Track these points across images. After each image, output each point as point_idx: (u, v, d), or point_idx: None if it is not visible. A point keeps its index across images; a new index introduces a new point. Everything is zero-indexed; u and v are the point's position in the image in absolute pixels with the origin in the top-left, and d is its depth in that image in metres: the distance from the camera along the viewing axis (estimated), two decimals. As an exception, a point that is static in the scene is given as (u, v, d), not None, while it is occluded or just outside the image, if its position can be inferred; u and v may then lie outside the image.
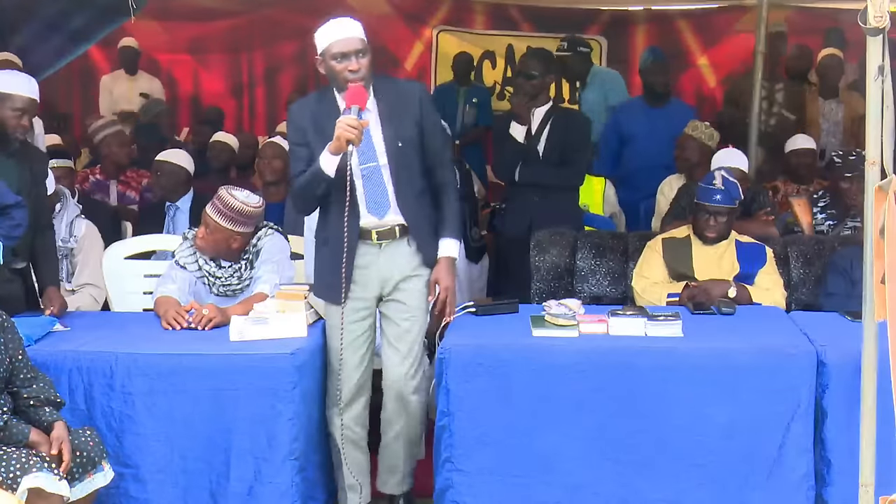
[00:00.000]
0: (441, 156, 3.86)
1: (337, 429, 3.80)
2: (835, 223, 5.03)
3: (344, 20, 3.66)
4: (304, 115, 3.76)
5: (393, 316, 3.82)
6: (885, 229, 2.78)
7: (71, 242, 4.67)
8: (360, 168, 3.67)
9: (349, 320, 3.75)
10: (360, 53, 3.60)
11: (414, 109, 3.73)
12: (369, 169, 3.69)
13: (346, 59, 3.59)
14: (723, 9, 8.44)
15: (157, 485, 3.55)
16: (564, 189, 5.20)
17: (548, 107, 5.14)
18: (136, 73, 8.50)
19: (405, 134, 3.70)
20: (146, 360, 3.54)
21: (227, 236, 4.03)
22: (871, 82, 2.79)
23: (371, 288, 3.79)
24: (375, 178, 3.70)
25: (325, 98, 3.76)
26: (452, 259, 3.81)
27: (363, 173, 3.69)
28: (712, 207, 4.38)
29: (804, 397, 3.47)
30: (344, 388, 3.76)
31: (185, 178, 5.47)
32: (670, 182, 5.74)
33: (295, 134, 3.79)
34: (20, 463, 3.08)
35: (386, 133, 3.68)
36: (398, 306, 3.81)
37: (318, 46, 3.66)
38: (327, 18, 3.72)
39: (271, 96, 9.35)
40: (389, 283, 3.80)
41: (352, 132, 3.48)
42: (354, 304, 3.76)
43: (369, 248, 3.74)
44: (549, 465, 3.54)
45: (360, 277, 3.76)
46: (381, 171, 3.70)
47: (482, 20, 8.88)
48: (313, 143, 3.68)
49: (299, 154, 3.76)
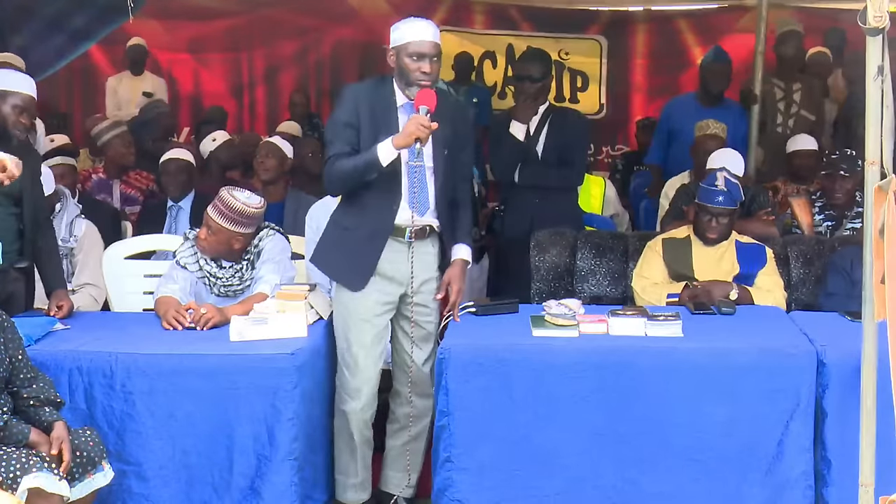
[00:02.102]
0: (465, 171, 4.03)
1: (355, 424, 3.82)
2: (833, 224, 5.04)
3: (427, 22, 3.74)
4: (360, 97, 3.77)
5: (418, 318, 3.84)
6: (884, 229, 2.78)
7: (71, 242, 4.66)
8: (407, 164, 3.73)
9: (374, 313, 3.78)
10: (434, 58, 3.68)
11: (458, 125, 3.86)
12: (417, 168, 3.73)
13: (421, 60, 3.66)
14: (723, 9, 8.45)
15: (159, 481, 3.55)
16: (564, 189, 5.21)
17: (545, 106, 5.15)
18: (141, 73, 8.50)
19: (449, 144, 3.80)
20: (146, 360, 3.54)
21: (229, 237, 4.04)
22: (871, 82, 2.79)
23: (397, 284, 3.81)
24: (420, 178, 3.74)
25: (383, 88, 3.79)
26: (466, 262, 3.90)
27: (411, 170, 3.73)
28: (714, 209, 4.38)
29: (804, 397, 3.48)
30: (369, 387, 3.80)
31: (191, 174, 5.53)
32: (673, 184, 5.73)
33: (346, 113, 3.77)
34: (20, 463, 3.08)
35: (435, 138, 3.72)
36: (422, 309, 3.85)
37: (394, 40, 3.72)
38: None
39: (271, 96, 9.36)
40: (415, 283, 3.81)
41: (424, 132, 3.56)
42: (380, 298, 3.78)
43: (400, 245, 3.77)
44: (549, 464, 3.55)
45: (389, 272, 3.78)
46: (425, 171, 3.76)
47: (482, 20, 8.89)
48: (364, 127, 3.71)
49: (344, 134, 3.74)
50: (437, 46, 3.71)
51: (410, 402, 3.87)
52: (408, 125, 3.60)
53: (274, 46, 9.12)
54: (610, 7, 8.60)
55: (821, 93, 6.81)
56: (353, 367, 3.81)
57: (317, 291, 4.01)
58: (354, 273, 3.78)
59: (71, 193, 5.03)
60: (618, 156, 8.60)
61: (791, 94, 6.54)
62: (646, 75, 9.04)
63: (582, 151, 5.32)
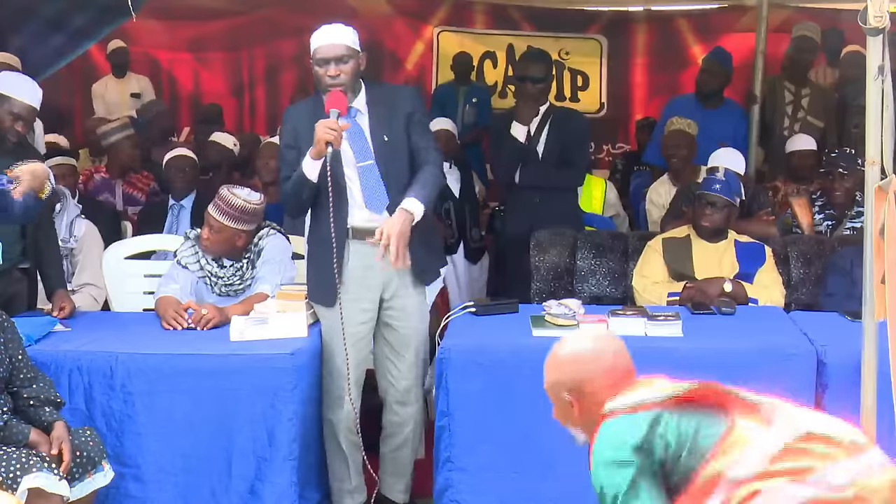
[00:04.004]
0: (425, 143, 3.83)
1: (342, 431, 3.82)
2: (833, 224, 5.04)
3: (334, 26, 3.72)
4: (296, 118, 3.81)
5: (394, 323, 3.82)
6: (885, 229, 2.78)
7: (71, 242, 4.67)
8: (356, 166, 3.72)
9: (355, 321, 3.75)
10: (341, 60, 3.65)
11: (402, 105, 3.80)
12: (365, 167, 3.72)
13: (326, 65, 3.66)
14: (723, 9, 8.43)
15: (157, 484, 3.55)
16: (564, 190, 5.20)
17: (546, 107, 5.15)
18: (124, 76, 8.48)
19: (391, 129, 3.75)
20: (146, 360, 3.54)
21: (232, 234, 4.04)
22: (871, 82, 2.80)
23: (374, 289, 3.79)
24: (371, 175, 3.73)
25: (315, 103, 3.79)
26: (404, 211, 3.61)
27: (360, 171, 3.72)
28: (711, 196, 4.40)
29: (804, 397, 3.47)
30: (346, 394, 3.76)
31: (196, 172, 5.54)
32: (656, 188, 5.74)
33: (286, 136, 3.84)
34: (20, 463, 3.08)
35: (374, 132, 3.73)
36: (398, 314, 3.82)
37: (311, 50, 3.72)
38: (325, 20, 3.73)
39: (271, 96, 9.34)
40: (392, 285, 3.79)
41: (330, 133, 3.52)
42: (359, 305, 3.76)
43: (370, 250, 3.72)
44: (549, 464, 3.54)
45: (364, 279, 3.76)
46: (375, 168, 3.73)
47: (482, 20, 8.87)
48: (303, 146, 3.71)
49: (288, 157, 3.80)
50: (344, 48, 3.66)
51: (394, 411, 3.87)
52: (315, 132, 3.55)
53: (274, 46, 9.11)
54: (610, 7, 8.58)
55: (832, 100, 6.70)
56: (335, 376, 3.80)
57: (317, 291, 4.00)
58: (322, 289, 3.76)
59: (71, 194, 5.03)
60: (618, 155, 8.60)
61: (800, 98, 6.52)
62: (646, 75, 9.03)
63: (583, 152, 5.30)
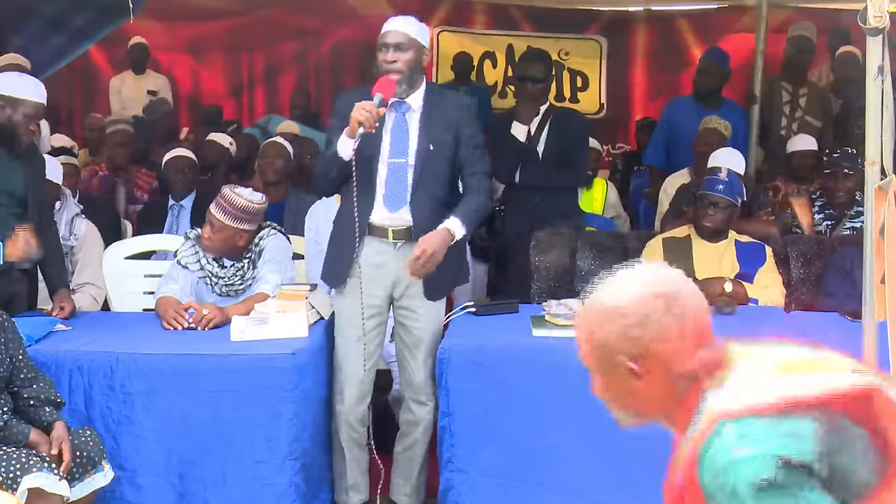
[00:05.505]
0: (478, 169, 3.78)
1: (342, 424, 3.81)
2: (833, 223, 5.04)
3: (404, 17, 3.71)
4: (347, 101, 3.74)
5: (407, 322, 3.81)
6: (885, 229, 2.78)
7: (71, 241, 4.67)
8: (388, 161, 3.69)
9: (358, 315, 3.73)
10: (399, 47, 3.63)
11: (453, 116, 3.74)
12: (396, 164, 3.69)
13: (385, 50, 3.63)
14: (722, 9, 8.44)
15: (153, 489, 3.54)
16: (564, 190, 5.20)
17: (546, 107, 5.15)
18: (144, 72, 8.50)
19: (438, 139, 3.71)
20: (146, 360, 3.53)
21: (233, 234, 4.04)
22: (871, 82, 2.79)
23: (383, 287, 3.78)
24: (399, 175, 3.70)
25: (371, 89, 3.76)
26: (450, 233, 3.59)
27: (389, 167, 3.70)
28: (714, 197, 4.40)
29: (804, 397, 3.47)
30: (353, 387, 3.77)
31: (196, 172, 5.54)
32: (673, 181, 5.73)
33: (336, 117, 3.78)
34: (20, 463, 3.08)
35: (421, 135, 3.70)
36: (409, 314, 3.80)
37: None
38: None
39: (271, 96, 9.35)
40: (400, 286, 3.78)
41: (363, 114, 3.47)
42: (367, 301, 3.74)
43: (385, 247, 3.71)
44: (550, 464, 3.54)
45: (373, 276, 3.74)
46: (406, 168, 3.70)
47: (482, 20, 8.88)
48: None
49: (332, 137, 3.75)
50: (404, 36, 3.62)
51: (409, 409, 3.85)
52: (352, 111, 3.52)
53: (274, 47, 9.13)
54: (610, 7, 8.59)
55: (829, 101, 6.69)
56: (340, 368, 3.81)
57: (318, 291, 4.00)
58: (334, 270, 3.78)
59: (72, 193, 5.04)
60: (618, 155, 8.60)
61: (797, 98, 6.52)
62: (645, 75, 9.05)
63: (583, 152, 5.29)
